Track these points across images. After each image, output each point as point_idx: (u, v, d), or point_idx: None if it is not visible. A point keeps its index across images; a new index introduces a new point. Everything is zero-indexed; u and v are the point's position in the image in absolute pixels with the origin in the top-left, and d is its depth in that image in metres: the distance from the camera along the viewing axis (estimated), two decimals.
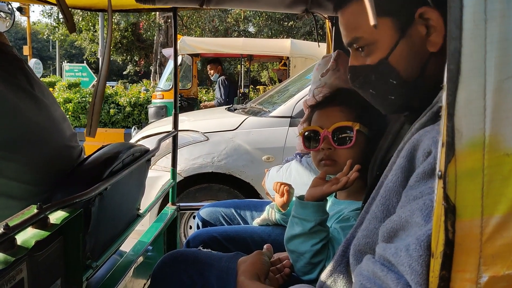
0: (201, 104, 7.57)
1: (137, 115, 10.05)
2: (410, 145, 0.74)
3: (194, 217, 3.34)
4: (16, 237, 0.81)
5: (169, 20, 16.38)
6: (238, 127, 3.41)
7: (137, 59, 23.34)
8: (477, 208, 0.53)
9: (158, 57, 17.43)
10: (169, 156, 2.46)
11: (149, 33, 18.98)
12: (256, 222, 1.90)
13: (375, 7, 0.90)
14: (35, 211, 0.88)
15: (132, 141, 3.87)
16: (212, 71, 7.41)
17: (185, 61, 8.07)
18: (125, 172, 1.40)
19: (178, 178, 3.16)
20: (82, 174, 1.31)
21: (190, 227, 3.40)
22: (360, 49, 0.96)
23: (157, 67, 17.57)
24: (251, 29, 23.32)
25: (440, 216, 0.55)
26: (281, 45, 7.23)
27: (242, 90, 7.86)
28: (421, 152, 0.70)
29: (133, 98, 10.06)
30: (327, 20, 2.44)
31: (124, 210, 1.67)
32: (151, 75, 18.34)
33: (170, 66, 8.14)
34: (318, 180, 1.22)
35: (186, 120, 3.82)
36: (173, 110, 2.33)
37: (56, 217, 0.99)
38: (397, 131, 1.07)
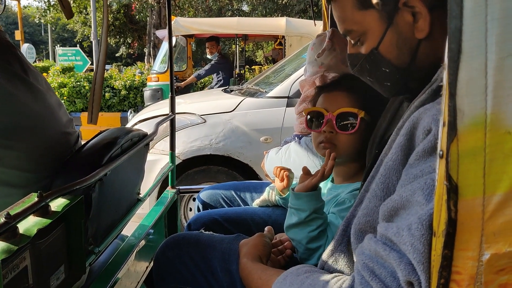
0: (181, 84, 7.42)
1: (133, 98, 9.98)
2: (410, 123, 0.74)
3: (194, 200, 3.36)
4: (18, 225, 0.81)
5: (162, 1, 16.16)
6: (235, 109, 3.40)
7: (130, 41, 23.07)
8: (479, 187, 0.54)
9: (152, 38, 17.25)
10: (167, 139, 2.45)
11: (141, 14, 18.73)
12: (256, 203, 1.91)
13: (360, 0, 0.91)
14: (36, 199, 0.88)
15: (129, 125, 3.86)
16: (209, 50, 7.31)
17: (179, 43, 7.97)
18: (124, 157, 1.40)
19: (177, 161, 3.17)
20: (81, 160, 1.30)
21: (190, 209, 3.42)
22: (353, 40, 0.99)
23: (151, 49, 17.39)
24: (245, 7, 23.02)
25: (442, 195, 0.55)
26: (276, 24, 7.14)
27: (237, 71, 7.77)
28: (421, 130, 0.70)
29: (128, 81, 9.96)
30: None
31: (124, 195, 1.67)
32: (145, 57, 18.17)
33: (164, 48, 8.04)
34: (304, 176, 1.25)
35: (183, 102, 3.80)
36: (170, 93, 2.32)
37: (57, 204, 0.99)
38: (396, 109, 1.07)
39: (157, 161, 3.22)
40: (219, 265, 1.19)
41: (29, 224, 0.86)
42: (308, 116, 1.39)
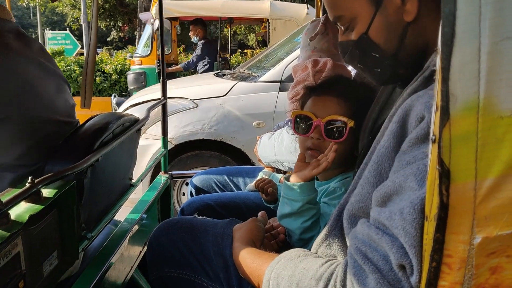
0: (167, 69, 7.32)
1: (124, 83, 9.86)
2: (402, 110, 0.74)
3: (187, 184, 3.36)
4: (9, 212, 0.81)
5: None
6: (228, 93, 3.38)
7: (120, 25, 22.71)
8: (471, 172, 0.54)
9: (142, 21, 17.00)
10: (159, 124, 2.44)
11: None
12: (248, 188, 1.91)
13: None
14: (27, 185, 0.88)
15: (121, 109, 3.83)
16: (192, 33, 7.20)
17: (163, 25, 7.82)
18: (116, 142, 1.39)
19: (169, 146, 3.15)
20: (73, 146, 1.30)
21: (183, 194, 3.42)
22: (343, 26, 0.98)
23: (141, 32, 17.17)
24: None
25: (434, 180, 0.56)
26: (260, 7, 6.99)
27: (223, 55, 7.65)
28: (413, 117, 0.70)
29: (119, 65, 9.85)
30: None
31: (117, 180, 1.66)
32: (136, 41, 17.95)
33: (147, 31, 7.86)
34: (299, 164, 1.23)
35: (174, 87, 3.78)
36: (161, 77, 2.30)
37: (49, 190, 0.98)
38: (388, 95, 1.07)
39: (149, 146, 3.21)
40: (212, 250, 1.20)
41: (21, 210, 0.86)
42: (297, 119, 1.35)
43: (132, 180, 1.84)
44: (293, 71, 1.81)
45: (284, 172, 1.91)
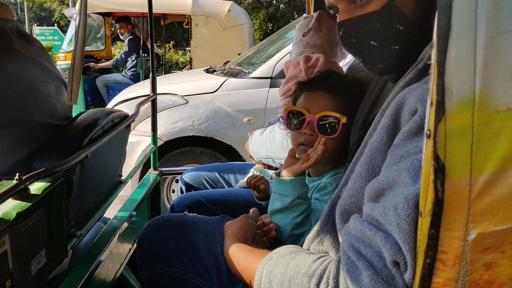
0: (95, 65, 7.19)
1: None
2: (395, 103, 0.73)
3: (176, 181, 3.34)
4: None
5: None
6: (218, 89, 3.36)
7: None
8: (466, 167, 0.53)
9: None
10: (149, 120, 2.42)
11: None
12: (240, 184, 1.90)
13: None
14: (14, 181, 0.86)
15: (109, 105, 3.79)
16: (122, 30, 7.01)
17: (95, 21, 7.70)
18: (105, 139, 1.37)
19: (159, 143, 3.13)
20: (61, 142, 1.27)
21: (173, 191, 3.40)
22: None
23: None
24: None
25: (429, 175, 0.55)
26: (182, 3, 6.88)
27: (156, 51, 7.43)
28: (406, 110, 0.70)
29: None
30: None
31: (106, 177, 1.64)
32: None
33: (72, 27, 7.70)
34: (289, 160, 1.22)
35: (163, 83, 3.75)
36: (151, 73, 2.27)
37: (37, 187, 0.97)
38: (380, 89, 1.06)
39: (138, 143, 3.18)
40: (203, 247, 1.18)
41: (8, 208, 0.84)
42: (289, 115, 1.34)
43: (122, 177, 1.82)
44: (285, 67, 1.80)
45: (276, 169, 1.91)
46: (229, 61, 4.46)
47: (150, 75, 2.27)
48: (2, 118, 1.15)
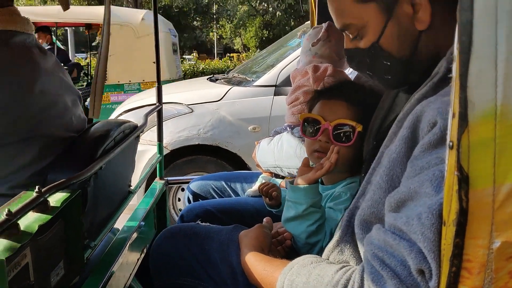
0: None
1: None
2: (413, 116, 0.75)
3: (182, 190, 3.34)
4: (18, 222, 0.80)
5: None
6: (223, 98, 3.38)
7: None
8: (489, 177, 0.55)
9: None
10: (154, 129, 2.42)
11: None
12: (248, 193, 1.91)
13: None
14: (35, 194, 0.87)
15: (114, 115, 3.80)
16: (41, 40, 6.97)
17: None
18: (118, 150, 1.39)
19: (165, 151, 3.14)
20: (75, 154, 1.29)
21: (179, 200, 3.41)
22: (351, 35, 0.97)
23: None
24: None
25: (453, 185, 0.56)
26: (95, 12, 6.84)
27: (77, 60, 7.37)
28: (425, 122, 0.71)
29: None
30: None
31: (117, 188, 1.66)
32: None
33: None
34: (303, 168, 1.23)
35: (168, 92, 3.76)
36: (157, 83, 2.28)
37: (55, 199, 0.97)
38: (391, 100, 1.07)
39: (144, 152, 3.19)
40: (218, 256, 1.19)
41: (29, 221, 0.85)
42: (304, 122, 1.36)
43: (131, 187, 1.83)
44: (291, 77, 1.82)
45: (283, 177, 1.92)
46: (231, 70, 4.48)
47: (156, 85, 2.28)
48: (24, 130, 1.17)
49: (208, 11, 22.66)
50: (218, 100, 3.37)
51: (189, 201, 2.08)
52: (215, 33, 8.92)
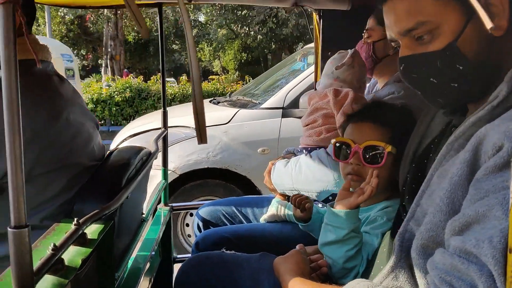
0: None
1: (100, 112, 9.99)
2: (476, 139, 0.74)
3: (191, 215, 3.30)
4: (62, 257, 0.78)
5: (119, 12, 16.00)
6: (230, 121, 3.38)
7: (84, 53, 22.57)
8: None
9: (109, 50, 17.03)
10: (159, 154, 2.39)
11: (96, 26, 18.36)
12: (264, 218, 1.88)
13: None
14: (73, 227, 0.85)
15: (118, 139, 3.76)
16: None
17: None
18: (139, 177, 1.37)
19: (173, 176, 3.11)
20: (100, 183, 1.27)
21: (187, 225, 3.37)
22: (418, 37, 0.90)
23: (108, 61, 17.13)
24: (202, 18, 22.80)
25: None
26: None
27: None
28: (489, 146, 0.70)
29: (96, 95, 9.94)
30: (314, 14, 2.42)
31: (133, 216, 1.63)
32: (102, 69, 17.82)
33: None
34: (344, 192, 1.22)
35: (174, 115, 3.75)
36: (162, 108, 2.26)
37: (90, 231, 0.96)
38: (427, 124, 1.06)
39: (152, 177, 3.16)
40: (249, 285, 1.17)
41: (71, 255, 0.83)
42: (337, 145, 1.37)
43: (143, 215, 1.79)
44: (308, 99, 1.82)
45: None
46: (233, 92, 4.50)
47: (162, 110, 2.25)
48: (54, 160, 1.16)
49: None
50: (226, 123, 3.37)
51: (198, 228, 2.03)
52: None
